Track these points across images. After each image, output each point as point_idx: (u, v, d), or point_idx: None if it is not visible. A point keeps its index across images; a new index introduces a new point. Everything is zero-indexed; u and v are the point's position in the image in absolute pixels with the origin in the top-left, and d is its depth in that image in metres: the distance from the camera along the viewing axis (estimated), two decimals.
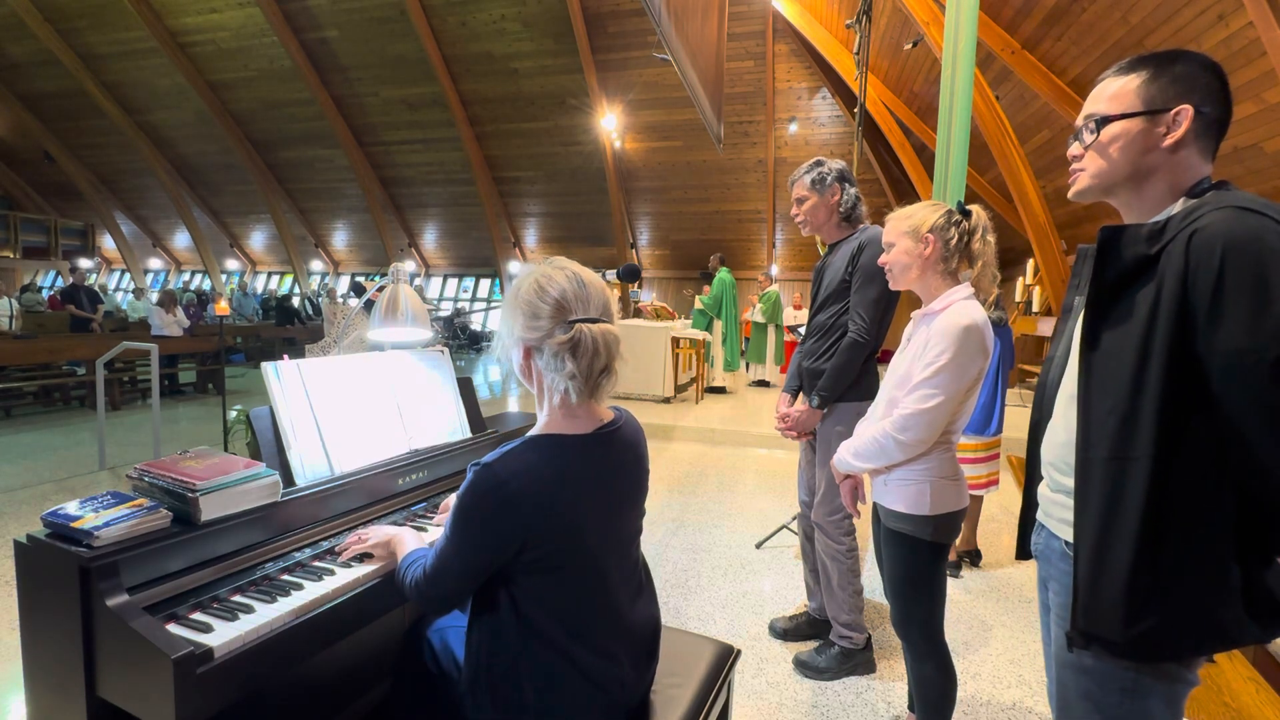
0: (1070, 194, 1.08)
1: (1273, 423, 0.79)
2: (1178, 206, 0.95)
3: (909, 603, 1.62)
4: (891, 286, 1.69)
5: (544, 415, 1.11)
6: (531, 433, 1.08)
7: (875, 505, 1.69)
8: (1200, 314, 0.84)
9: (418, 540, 1.24)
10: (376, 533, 1.30)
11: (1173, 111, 0.95)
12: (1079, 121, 1.05)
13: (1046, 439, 1.12)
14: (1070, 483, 0.99)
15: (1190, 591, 0.87)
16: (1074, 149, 1.06)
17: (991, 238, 1.60)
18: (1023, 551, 1.20)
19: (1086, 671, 0.99)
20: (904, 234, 1.61)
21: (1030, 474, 1.17)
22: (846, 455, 1.68)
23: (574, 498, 1.04)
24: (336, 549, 1.30)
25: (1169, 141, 0.96)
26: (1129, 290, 0.92)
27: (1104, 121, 1.00)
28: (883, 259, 1.68)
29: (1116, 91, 1.00)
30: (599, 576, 1.08)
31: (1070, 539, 1.00)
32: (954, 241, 1.57)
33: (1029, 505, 1.18)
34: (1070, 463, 0.99)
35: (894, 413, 1.55)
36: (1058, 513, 1.07)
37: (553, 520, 1.01)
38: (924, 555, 1.58)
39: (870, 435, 1.60)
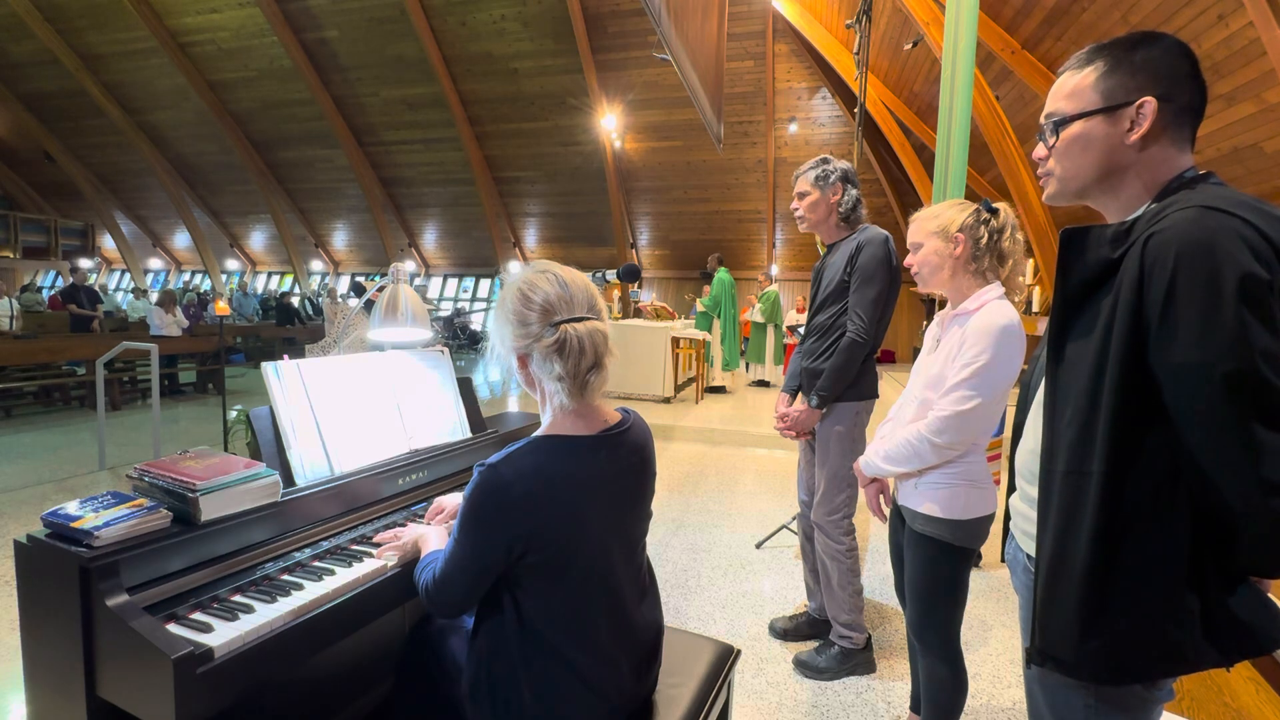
0: (1043, 198, 1.03)
1: (1224, 440, 0.75)
2: (1150, 205, 0.90)
3: (931, 607, 1.59)
4: (920, 288, 1.66)
5: (548, 417, 1.11)
6: (537, 433, 1.08)
7: (899, 508, 1.66)
8: (1152, 323, 0.79)
9: (441, 539, 1.24)
10: (409, 532, 1.31)
11: (1135, 105, 0.88)
12: (1041, 120, 0.99)
13: (1019, 446, 1.08)
14: (1035, 492, 0.95)
15: (1142, 612, 0.83)
16: (1038, 151, 1.00)
17: (1020, 235, 1.57)
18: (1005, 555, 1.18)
19: (1049, 687, 0.97)
20: (932, 234, 1.58)
21: (1012, 478, 1.14)
22: (875, 459, 1.65)
23: (579, 500, 1.03)
24: (376, 539, 1.33)
25: (1134, 138, 0.89)
26: (1093, 296, 0.87)
27: (1062, 123, 0.94)
28: (909, 260, 1.65)
29: (1074, 88, 0.93)
30: (604, 580, 1.08)
31: (1032, 552, 0.97)
32: (984, 240, 1.54)
33: (1008, 511, 1.15)
34: (1035, 472, 0.95)
35: (930, 415, 1.51)
36: (1022, 524, 1.04)
37: (557, 522, 1.01)
38: (952, 560, 1.56)
39: (903, 438, 1.56)
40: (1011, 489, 1.13)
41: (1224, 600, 0.81)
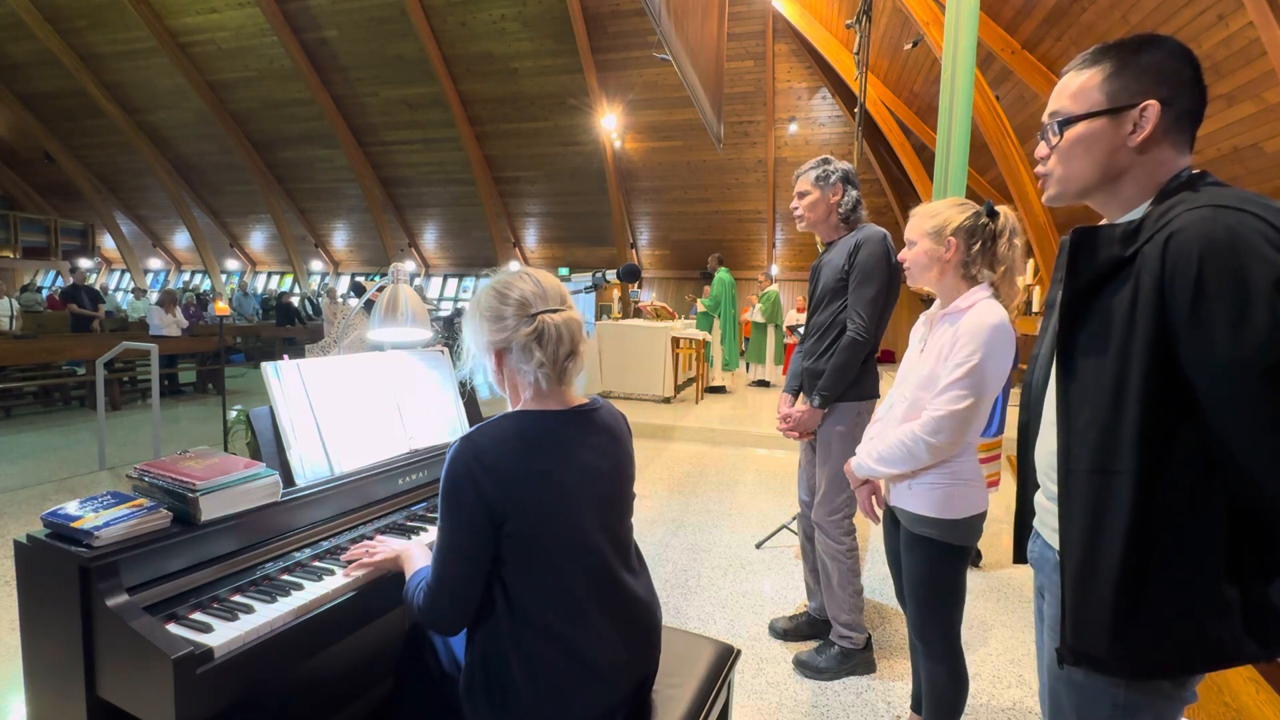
0: (1043, 200, 1.04)
1: (1265, 436, 0.75)
2: (1151, 204, 0.91)
3: (930, 608, 1.59)
4: (909, 284, 1.66)
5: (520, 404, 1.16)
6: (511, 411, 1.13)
7: (892, 509, 1.66)
8: (1180, 323, 0.79)
9: (425, 556, 1.22)
10: (385, 546, 1.29)
11: (1139, 108, 0.90)
12: (1045, 118, 1.00)
13: (1038, 445, 1.07)
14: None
15: (1179, 608, 0.83)
16: (1040, 149, 1.01)
17: (1019, 241, 1.55)
18: (1020, 556, 1.17)
19: (1077, 686, 0.96)
20: (926, 234, 1.56)
21: (1023, 478, 1.13)
22: (868, 460, 1.64)
23: (552, 464, 1.07)
24: (344, 558, 1.28)
25: (1136, 140, 0.90)
26: (1103, 295, 0.88)
27: (1067, 123, 0.95)
28: (902, 255, 1.65)
29: (1079, 88, 0.94)
30: (586, 552, 1.09)
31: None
32: (977, 247, 1.52)
33: (1023, 510, 1.14)
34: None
35: (924, 415, 1.51)
36: (1050, 521, 1.03)
37: (533, 485, 1.04)
38: (948, 559, 1.56)
39: (897, 439, 1.55)
40: (1033, 487, 1.12)
41: (1264, 592, 0.81)
